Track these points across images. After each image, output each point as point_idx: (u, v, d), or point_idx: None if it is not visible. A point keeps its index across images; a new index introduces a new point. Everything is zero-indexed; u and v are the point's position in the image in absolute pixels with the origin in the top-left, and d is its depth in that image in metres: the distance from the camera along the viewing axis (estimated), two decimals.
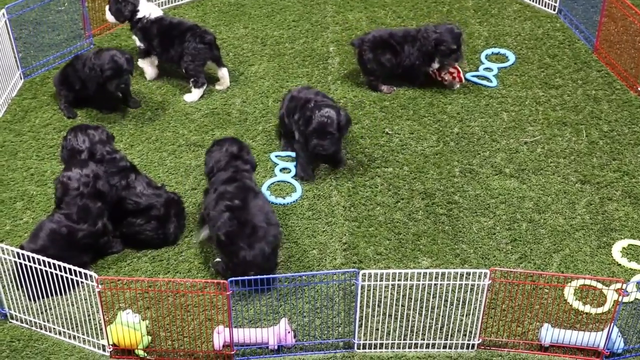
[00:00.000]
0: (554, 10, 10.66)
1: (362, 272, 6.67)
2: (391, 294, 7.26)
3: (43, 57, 9.95)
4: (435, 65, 9.44)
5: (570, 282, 7.29)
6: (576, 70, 9.81)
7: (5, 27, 9.24)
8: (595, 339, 6.90)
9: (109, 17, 9.76)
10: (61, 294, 7.10)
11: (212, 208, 7.47)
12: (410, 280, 6.89)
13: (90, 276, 6.61)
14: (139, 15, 9.56)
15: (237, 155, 7.83)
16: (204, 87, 9.43)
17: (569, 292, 7.29)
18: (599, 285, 7.33)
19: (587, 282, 7.33)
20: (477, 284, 6.82)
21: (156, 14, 9.60)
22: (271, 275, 7.02)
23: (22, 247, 7.17)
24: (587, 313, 7.20)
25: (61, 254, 7.07)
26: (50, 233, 7.32)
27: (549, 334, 6.92)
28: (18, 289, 7.20)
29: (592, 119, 9.18)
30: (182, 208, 7.98)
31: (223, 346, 6.90)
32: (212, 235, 7.52)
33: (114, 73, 8.89)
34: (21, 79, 9.67)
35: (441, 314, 7.14)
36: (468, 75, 9.67)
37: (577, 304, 7.24)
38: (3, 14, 9.18)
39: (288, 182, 8.44)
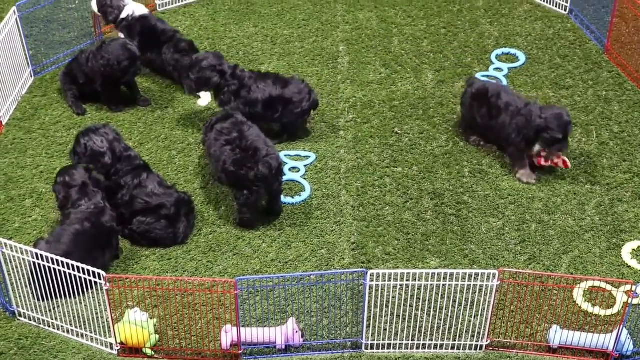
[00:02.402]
0: (565, 10, 10.62)
1: (370, 272, 6.66)
2: (399, 294, 7.24)
3: (53, 55, 9.96)
4: (535, 148, 8.37)
5: (580, 283, 7.26)
6: (587, 71, 9.76)
7: (16, 25, 9.26)
8: (604, 341, 6.87)
9: (94, 6, 9.81)
10: (73, 295, 7.08)
11: (214, 146, 7.98)
12: (419, 280, 6.87)
13: (98, 274, 6.62)
14: (123, 15, 9.63)
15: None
16: None
17: (578, 294, 7.27)
18: (609, 287, 7.31)
19: (597, 283, 7.30)
20: (486, 285, 6.80)
21: (140, 12, 9.65)
22: (280, 275, 7.00)
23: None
24: (596, 315, 7.17)
25: (86, 256, 7.08)
26: (73, 236, 7.28)
27: (557, 335, 6.90)
28: (26, 287, 7.21)
29: (603, 119, 9.14)
30: (192, 208, 7.97)
31: (231, 345, 6.90)
32: (220, 175, 7.96)
33: (131, 62, 8.94)
34: (31, 76, 9.69)
35: (449, 314, 7.12)
36: (478, 75, 9.62)
37: (586, 306, 7.22)
38: (14, 11, 9.19)
39: (297, 182, 8.43)
